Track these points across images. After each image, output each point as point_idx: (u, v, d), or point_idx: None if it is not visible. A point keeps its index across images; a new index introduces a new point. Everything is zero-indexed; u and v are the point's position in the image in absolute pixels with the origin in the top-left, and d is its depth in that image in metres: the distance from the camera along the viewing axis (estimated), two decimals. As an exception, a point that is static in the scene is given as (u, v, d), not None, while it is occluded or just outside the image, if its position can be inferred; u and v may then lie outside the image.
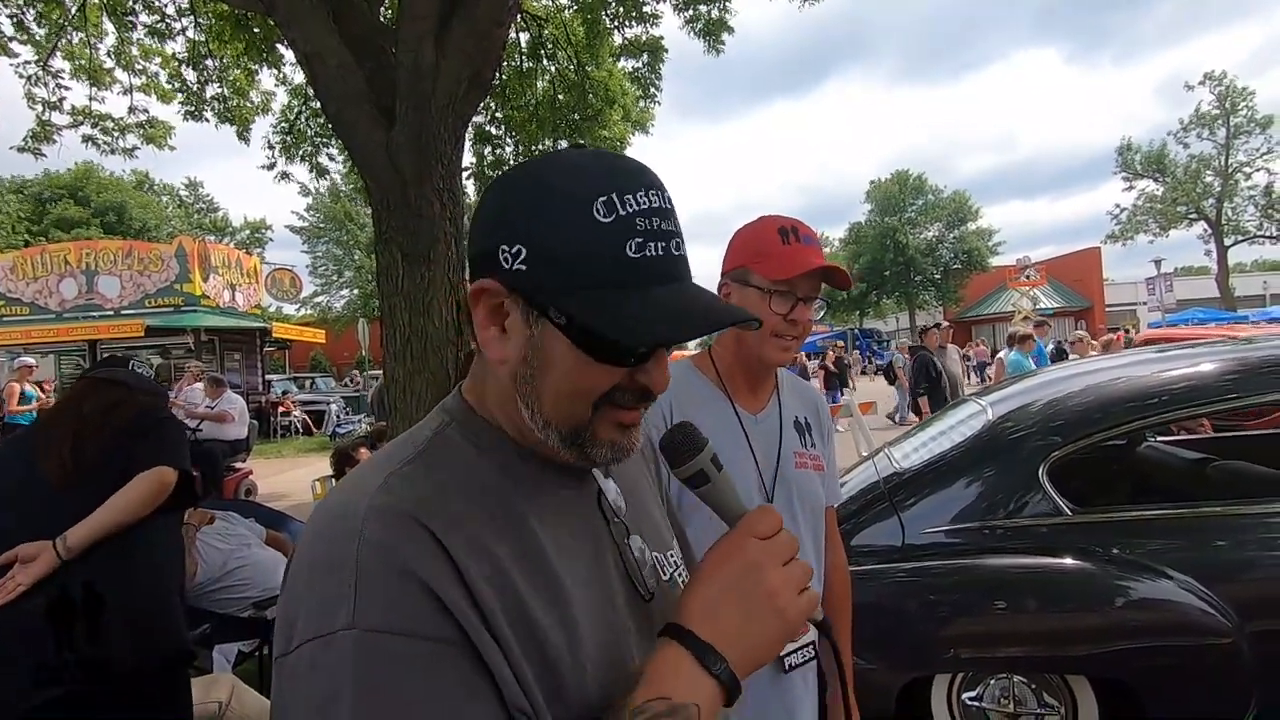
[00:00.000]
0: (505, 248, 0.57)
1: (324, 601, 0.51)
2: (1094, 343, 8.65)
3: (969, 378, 12.86)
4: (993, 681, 2.33)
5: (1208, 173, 31.31)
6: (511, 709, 0.52)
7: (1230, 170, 30.75)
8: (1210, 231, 31.26)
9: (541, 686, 0.55)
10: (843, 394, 12.61)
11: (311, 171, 9.10)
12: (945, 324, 8.16)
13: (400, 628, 0.50)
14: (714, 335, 1.01)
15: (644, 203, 0.57)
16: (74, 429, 1.81)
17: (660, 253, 0.57)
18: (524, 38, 8.12)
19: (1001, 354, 8.23)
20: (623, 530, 0.70)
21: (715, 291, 1.23)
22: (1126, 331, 14.37)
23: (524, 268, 0.57)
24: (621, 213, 0.56)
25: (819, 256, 1.22)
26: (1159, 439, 3.77)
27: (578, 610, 0.59)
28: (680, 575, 0.75)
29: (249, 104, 7.91)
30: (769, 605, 0.58)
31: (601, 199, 0.56)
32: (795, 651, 1.23)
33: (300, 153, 8.77)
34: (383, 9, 5.43)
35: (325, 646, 0.49)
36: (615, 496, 0.71)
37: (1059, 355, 9.39)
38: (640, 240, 0.56)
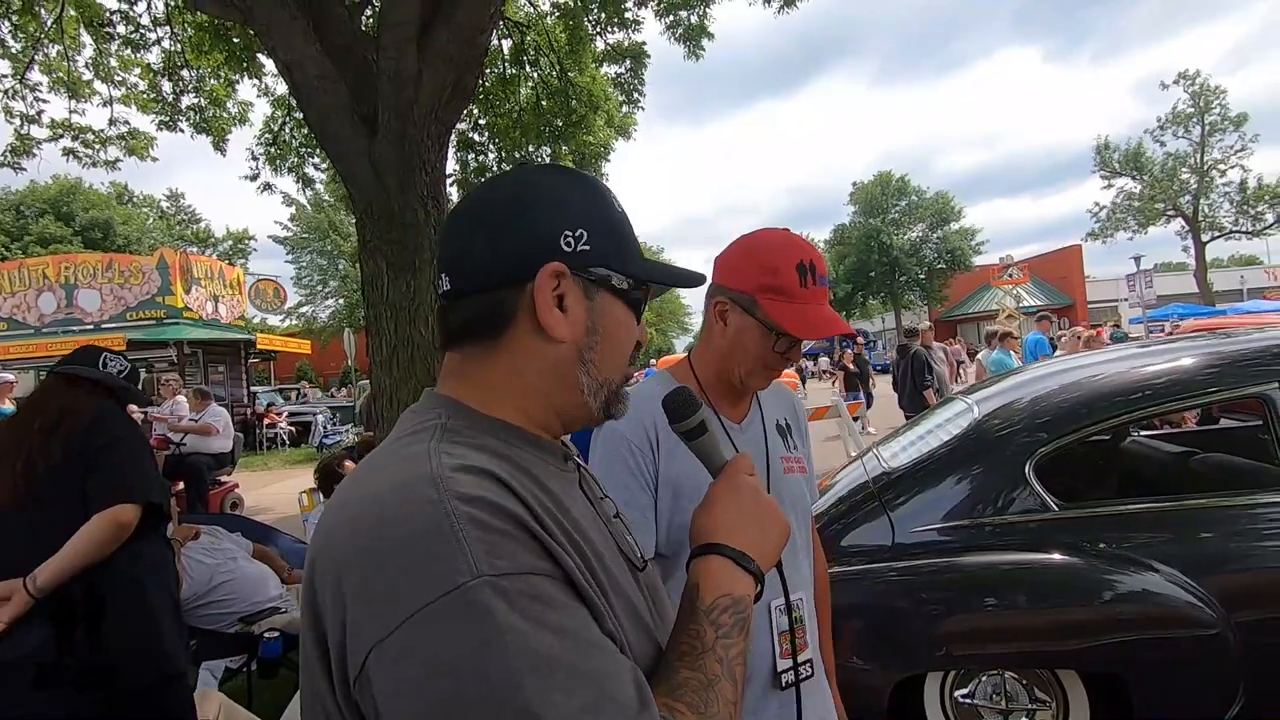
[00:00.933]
0: (569, 233, 0.68)
1: (430, 565, 0.50)
2: (1079, 335, 8.73)
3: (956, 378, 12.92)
4: (984, 678, 2.34)
5: (1184, 170, 31.80)
6: (610, 636, 0.59)
7: (1206, 167, 31.25)
8: (1188, 228, 31.74)
9: (614, 621, 0.62)
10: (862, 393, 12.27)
11: (297, 182, 9.05)
12: (928, 324, 8.26)
13: (522, 567, 0.53)
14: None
15: (621, 205, 0.75)
16: (26, 447, 1.75)
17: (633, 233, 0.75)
18: (506, 44, 8.12)
19: (981, 355, 8.32)
20: (609, 509, 0.78)
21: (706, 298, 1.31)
22: (1116, 327, 14.55)
23: (588, 247, 0.69)
24: (620, 209, 0.74)
25: (826, 300, 1.18)
26: (1143, 433, 3.81)
27: (610, 564, 0.67)
28: (641, 554, 0.80)
29: (226, 114, 7.85)
30: (772, 516, 0.76)
31: (612, 195, 0.74)
32: (792, 669, 1.18)
33: (286, 164, 8.71)
34: (364, 17, 5.41)
35: (457, 600, 0.49)
36: (591, 483, 0.78)
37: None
38: (628, 227, 0.74)
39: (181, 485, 7.38)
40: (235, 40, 6.84)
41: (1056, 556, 2.21)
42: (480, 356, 0.69)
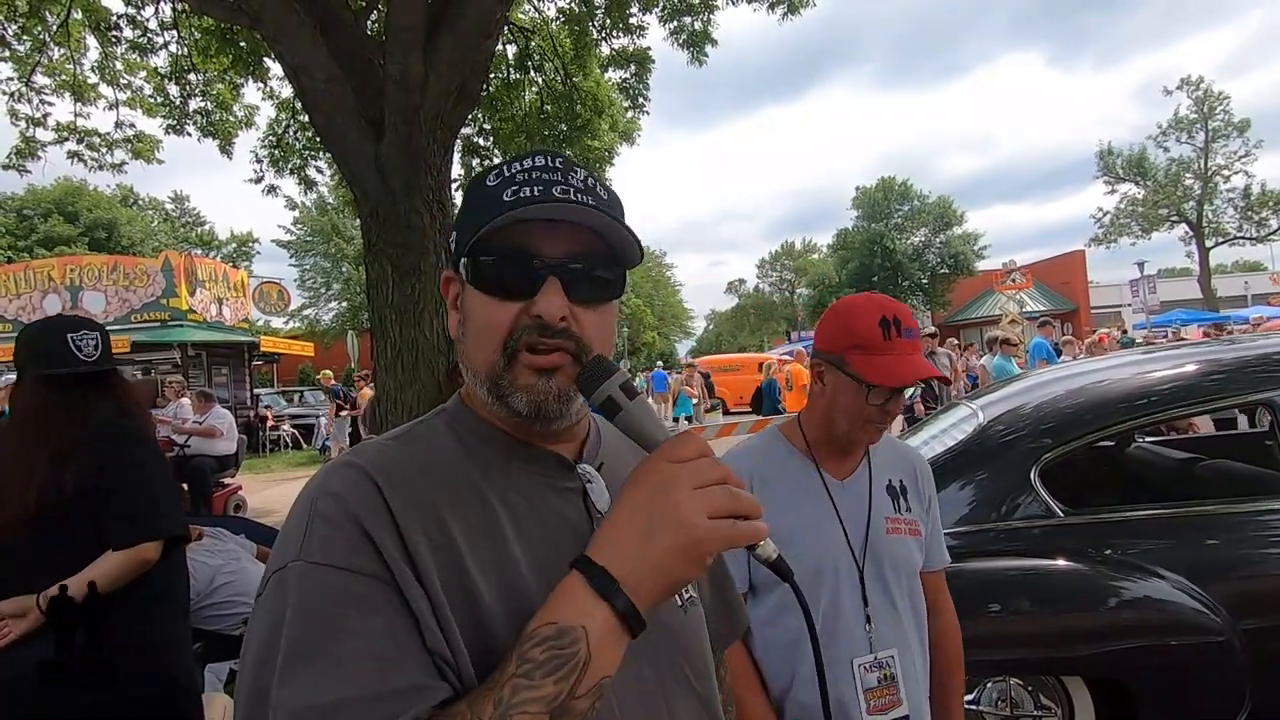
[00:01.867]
0: (451, 239, 0.72)
1: (285, 544, 0.60)
2: (1079, 343, 8.75)
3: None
4: (989, 685, 2.33)
5: (1187, 176, 31.79)
6: (431, 651, 0.57)
7: (1209, 173, 31.23)
8: (1191, 234, 31.70)
9: (471, 644, 0.58)
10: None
11: (300, 185, 9.08)
12: (934, 329, 8.28)
13: (335, 561, 0.57)
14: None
15: (528, 164, 0.67)
16: (36, 477, 1.63)
17: (534, 194, 0.64)
18: (511, 50, 8.15)
19: (984, 360, 8.33)
20: None
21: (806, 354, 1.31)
22: (1124, 333, 14.53)
23: (454, 245, 0.70)
24: (505, 174, 0.67)
25: (919, 351, 1.23)
26: (1148, 440, 3.80)
27: (531, 587, 0.62)
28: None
29: (232, 118, 7.88)
30: (670, 520, 0.56)
31: (493, 173, 0.68)
32: None
33: (289, 166, 8.74)
34: (370, 22, 5.44)
35: (279, 578, 0.58)
36: (600, 496, 0.72)
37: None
38: (515, 189, 0.65)
39: (185, 487, 7.40)
40: (242, 44, 6.88)
41: (1061, 562, 2.20)
42: None
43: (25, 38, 6.84)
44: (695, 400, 15.51)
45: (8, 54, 6.85)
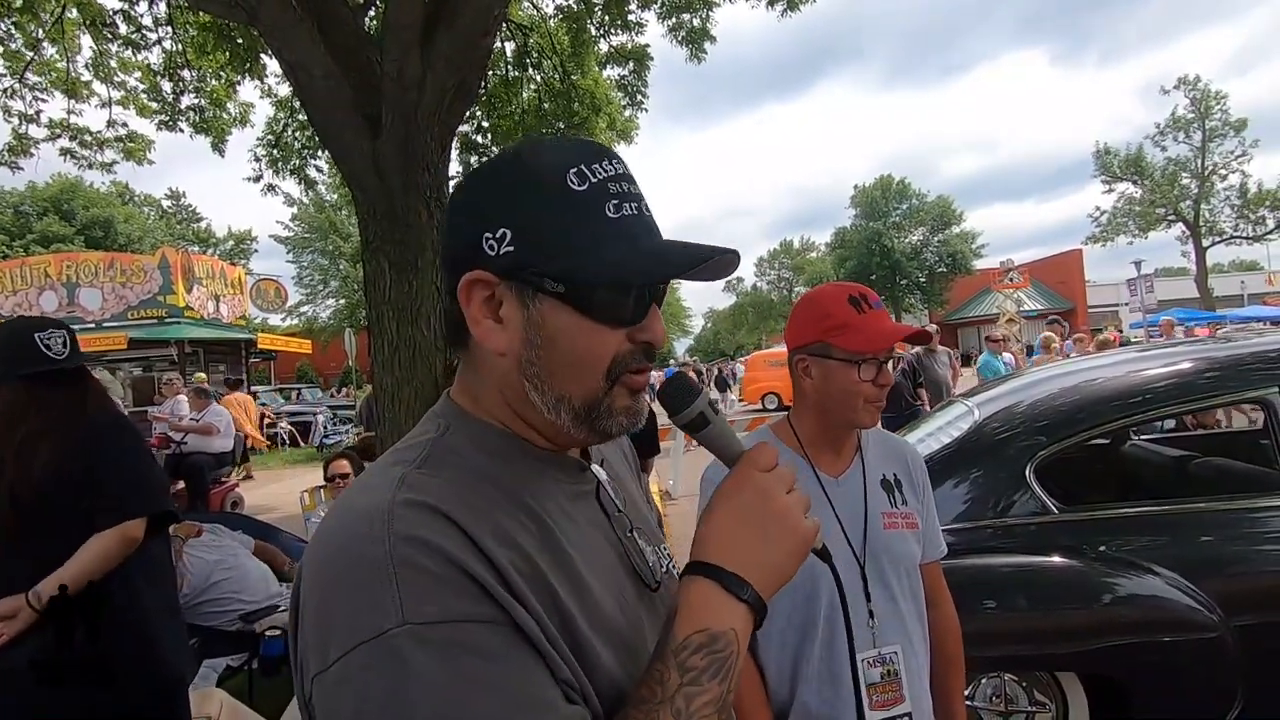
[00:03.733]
0: (489, 235, 0.60)
1: (366, 605, 0.50)
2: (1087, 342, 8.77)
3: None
4: (984, 681, 2.35)
5: (1184, 175, 31.85)
6: (560, 682, 0.54)
7: (1206, 173, 31.29)
8: (1188, 233, 31.77)
9: (579, 664, 0.57)
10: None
11: (299, 184, 9.06)
12: (934, 327, 8.30)
13: (451, 614, 0.50)
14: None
15: (610, 170, 0.61)
16: (5, 480, 1.63)
17: (635, 212, 0.61)
18: (509, 47, 8.14)
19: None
20: (625, 524, 0.72)
21: (789, 362, 1.34)
22: (1121, 332, 14.58)
23: (512, 249, 0.60)
24: (594, 180, 0.60)
25: (890, 320, 1.26)
26: (1142, 437, 3.82)
27: (599, 596, 0.62)
28: (674, 567, 0.77)
29: (226, 115, 7.85)
30: (782, 525, 0.61)
31: (573, 170, 0.59)
32: None
33: (288, 166, 8.72)
34: (367, 19, 5.42)
35: (378, 647, 0.49)
36: (613, 492, 0.73)
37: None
38: (616, 202, 0.60)
39: (182, 484, 7.39)
40: (239, 41, 6.85)
41: (1056, 559, 2.21)
42: (465, 360, 0.68)
43: (18, 34, 6.80)
44: None
45: (0, 50, 6.82)
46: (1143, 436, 3.84)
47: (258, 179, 8.59)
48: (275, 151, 8.50)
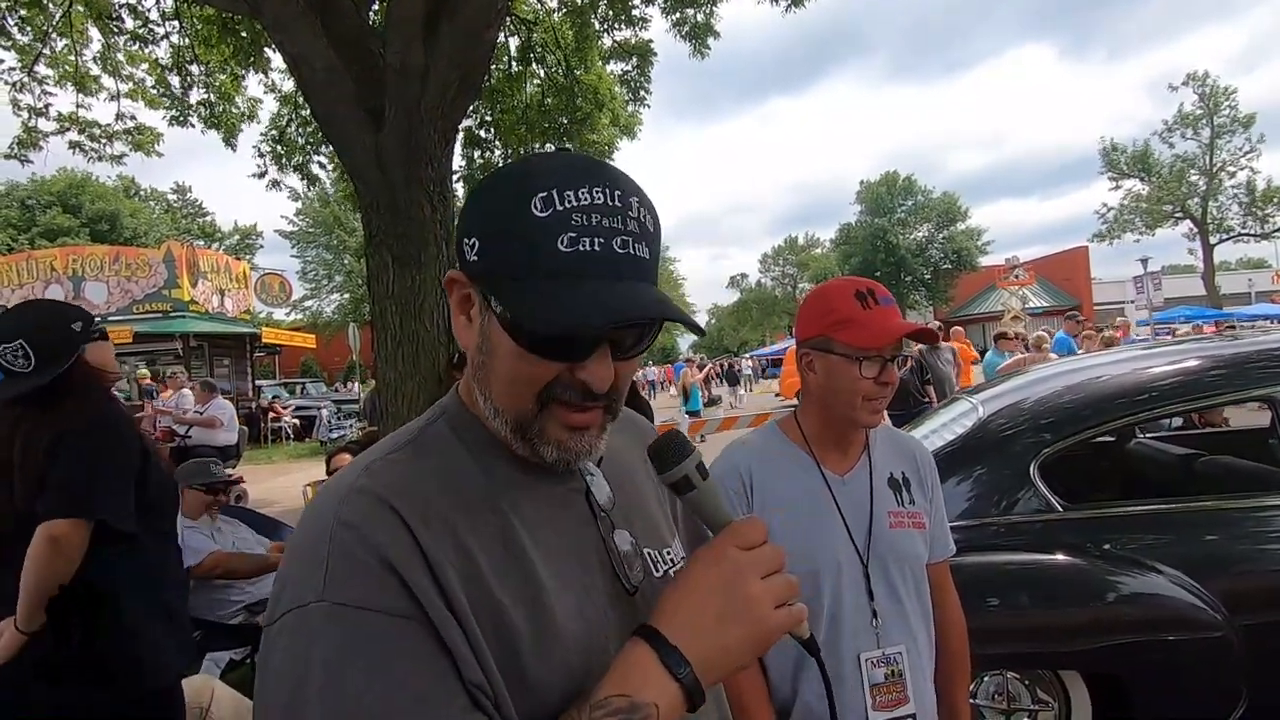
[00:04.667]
0: (465, 239, 0.62)
1: (302, 576, 0.55)
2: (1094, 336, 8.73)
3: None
4: (986, 678, 2.34)
5: (1192, 172, 31.66)
6: (468, 684, 0.54)
7: (1214, 169, 31.10)
8: (1195, 230, 31.59)
9: (505, 668, 0.57)
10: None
11: (303, 180, 9.07)
12: (939, 324, 8.29)
13: (362, 601, 0.53)
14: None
15: (586, 199, 0.57)
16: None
17: (595, 248, 0.56)
18: (513, 41, 8.12)
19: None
20: (609, 525, 0.71)
21: (797, 357, 1.32)
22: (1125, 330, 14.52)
23: (477, 258, 0.61)
24: (558, 208, 0.56)
25: (898, 316, 1.22)
26: (1147, 435, 3.80)
27: (552, 600, 0.61)
28: (673, 571, 0.76)
29: (235, 110, 7.86)
30: (745, 612, 0.58)
31: (540, 195, 0.57)
32: None
33: (292, 161, 8.73)
34: (370, 12, 5.41)
35: (299, 616, 0.54)
36: (603, 493, 0.72)
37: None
38: (574, 235, 0.56)
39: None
40: (243, 34, 6.85)
41: (1060, 557, 2.20)
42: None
43: (28, 28, 6.81)
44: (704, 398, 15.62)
45: (10, 44, 6.83)
46: (1148, 434, 3.83)
47: (262, 175, 8.60)
48: (279, 147, 8.51)
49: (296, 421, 17.21)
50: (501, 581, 0.59)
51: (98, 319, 2.05)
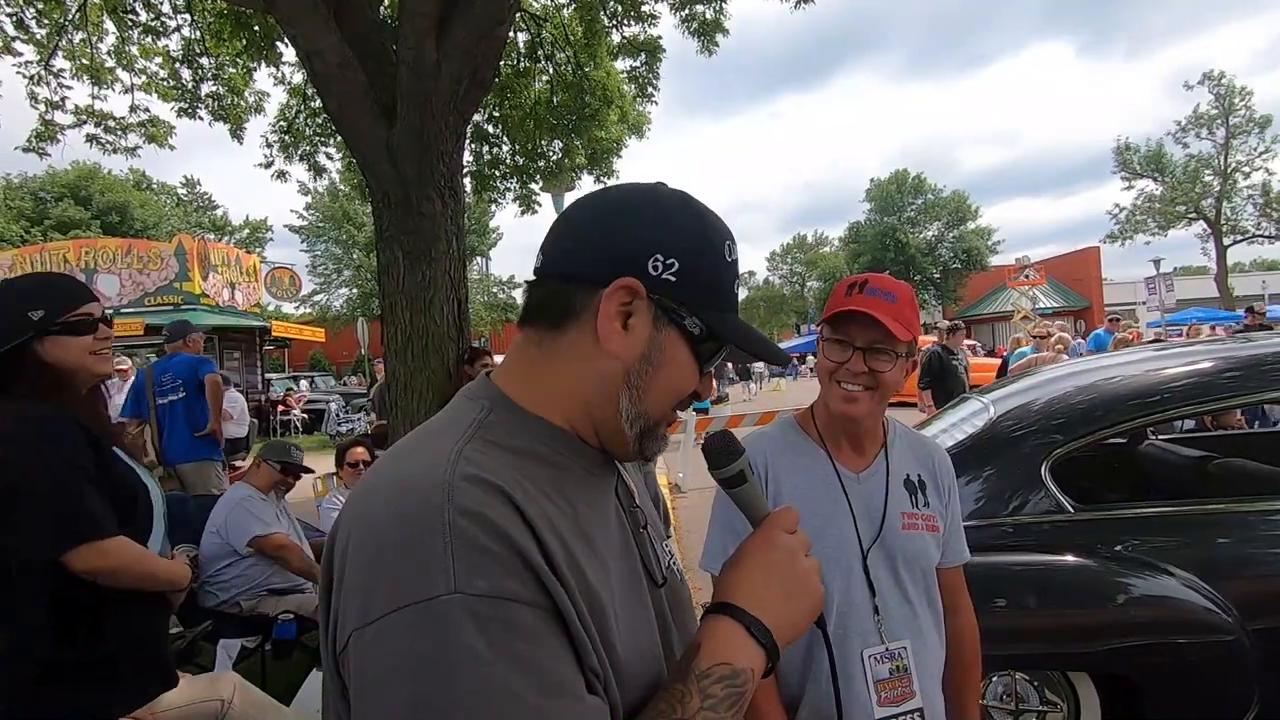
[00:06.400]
0: (659, 258, 0.66)
1: (417, 570, 0.52)
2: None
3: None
4: (995, 679, 2.33)
5: (1206, 172, 31.33)
6: (587, 670, 0.57)
7: (1229, 170, 30.77)
8: (1209, 231, 31.28)
9: (604, 652, 0.60)
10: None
11: (309, 170, 9.10)
12: (947, 323, 8.25)
13: (500, 591, 0.52)
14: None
15: (736, 255, 0.73)
16: None
17: (736, 289, 0.74)
18: (522, 37, 8.11)
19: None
20: (639, 519, 0.75)
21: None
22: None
23: (673, 279, 0.66)
24: (732, 258, 0.72)
25: (872, 305, 1.20)
26: (1160, 437, 3.77)
27: (616, 587, 0.64)
28: (676, 564, 0.79)
29: (244, 102, 7.90)
30: (804, 586, 0.69)
31: (728, 242, 0.71)
32: (894, 717, 1.22)
33: (299, 152, 8.76)
34: (382, 7, 5.42)
35: (426, 611, 0.51)
36: (631, 487, 0.76)
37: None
38: (738, 282, 0.73)
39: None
40: (255, 28, 6.88)
41: (1070, 558, 2.19)
42: (539, 342, 0.69)
43: (45, 21, 6.86)
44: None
45: (27, 37, 6.88)
46: (1160, 436, 3.80)
47: (269, 165, 8.64)
48: (287, 137, 8.54)
49: (305, 415, 17.31)
50: (592, 568, 0.61)
51: (110, 311, 1.91)
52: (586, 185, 9.85)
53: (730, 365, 25.55)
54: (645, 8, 7.87)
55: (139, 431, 5.06)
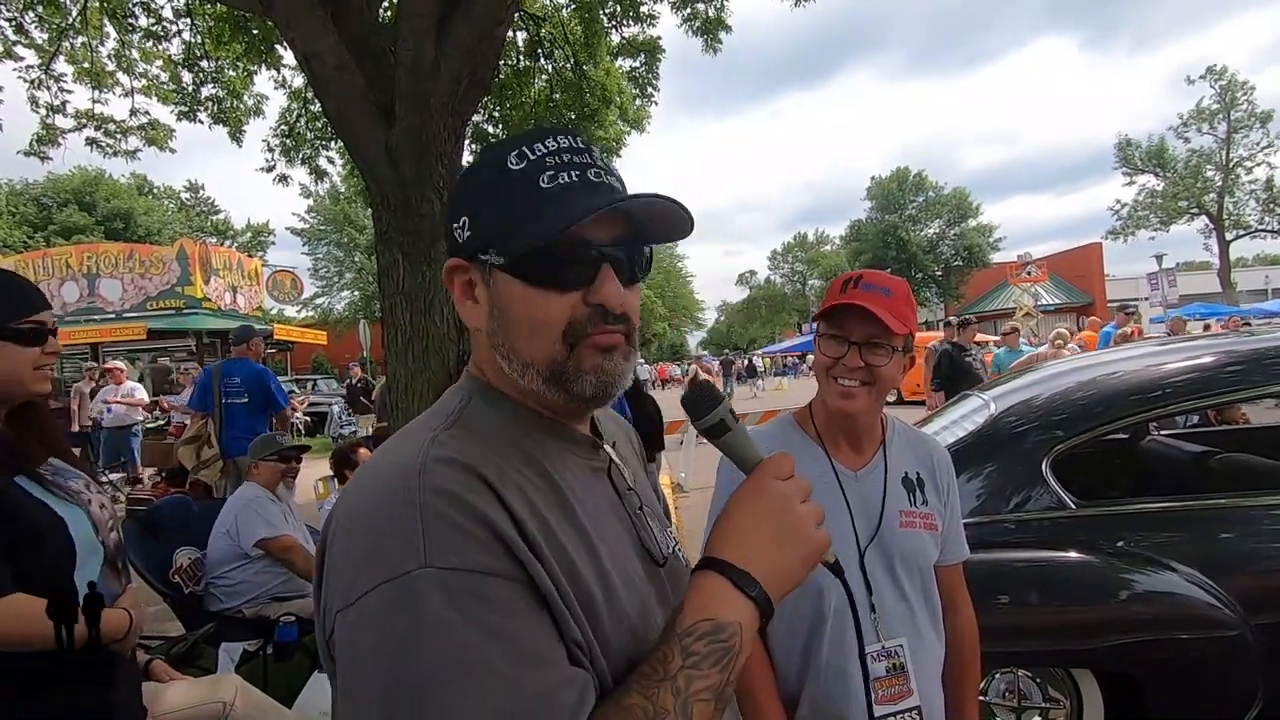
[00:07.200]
0: (455, 225, 0.68)
1: (391, 547, 0.53)
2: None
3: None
4: (997, 676, 2.32)
5: (1208, 167, 31.27)
6: (569, 641, 0.57)
7: (1231, 164, 30.70)
8: (1211, 226, 31.21)
9: (587, 624, 0.60)
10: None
11: (311, 174, 9.13)
12: (953, 319, 8.20)
13: (472, 565, 0.53)
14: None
15: (552, 145, 0.65)
16: None
17: (574, 178, 0.63)
18: (521, 37, 8.12)
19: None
20: (635, 501, 0.75)
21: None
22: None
23: (469, 233, 0.66)
24: (531, 157, 0.64)
25: (868, 300, 1.20)
26: (1161, 432, 3.76)
27: (608, 564, 0.64)
28: (679, 550, 0.79)
29: (243, 105, 7.92)
30: (796, 532, 0.64)
31: (513, 153, 0.64)
32: (892, 715, 1.21)
33: (300, 155, 8.78)
34: (381, 9, 5.43)
35: (401, 587, 0.52)
36: (626, 470, 0.75)
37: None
38: (551, 173, 0.63)
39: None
40: (255, 31, 6.90)
41: (1073, 554, 2.18)
42: (474, 341, 0.73)
43: (45, 26, 6.88)
44: None
45: (27, 41, 6.90)
46: (1164, 432, 3.79)
47: (270, 169, 8.66)
48: (288, 141, 8.57)
49: (308, 418, 17.32)
50: (572, 544, 0.61)
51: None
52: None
53: (735, 364, 25.83)
54: (644, 8, 7.88)
55: (203, 424, 5.51)
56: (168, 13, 7.03)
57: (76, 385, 9.89)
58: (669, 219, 0.67)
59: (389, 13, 5.91)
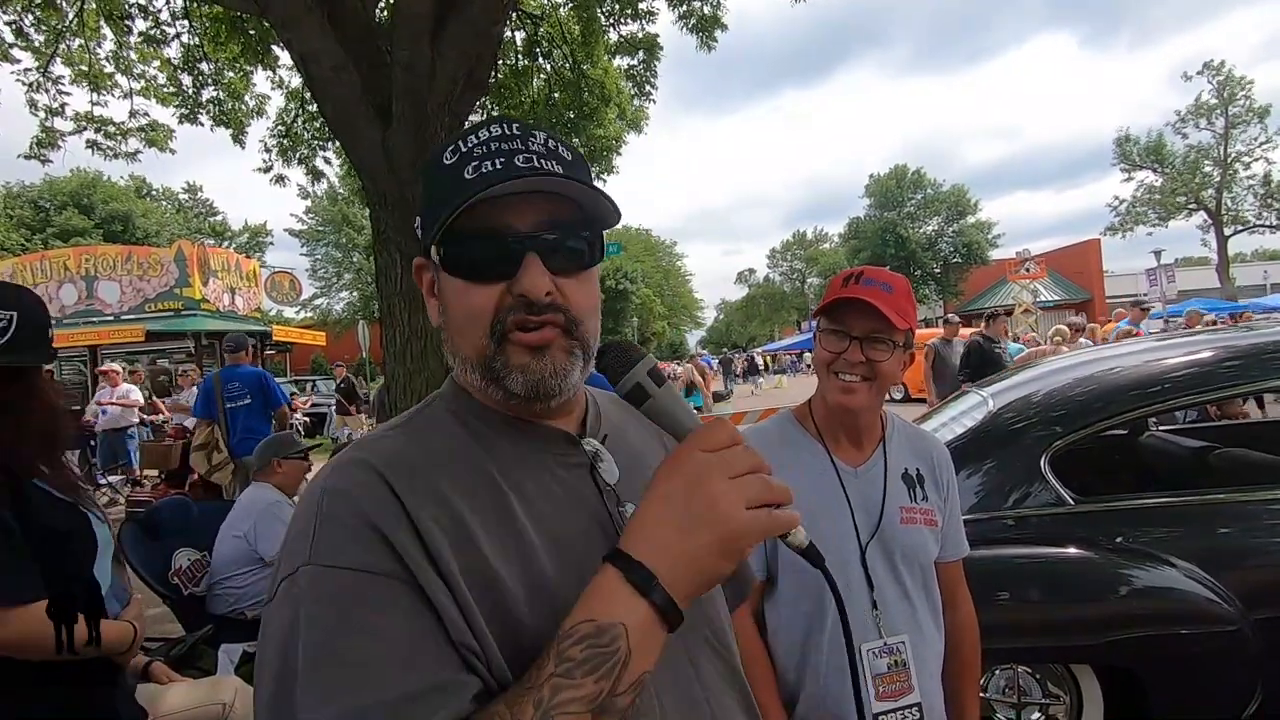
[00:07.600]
0: (417, 224, 0.69)
1: (296, 546, 0.57)
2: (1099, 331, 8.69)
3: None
4: (997, 672, 2.33)
5: (1206, 163, 31.28)
6: (458, 645, 0.55)
7: (1229, 160, 30.71)
8: (1210, 222, 31.22)
9: (497, 631, 0.57)
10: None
11: (308, 175, 9.11)
12: (952, 316, 8.22)
13: (347, 562, 0.55)
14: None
15: (485, 135, 0.64)
16: None
17: (497, 166, 0.62)
18: (519, 35, 8.11)
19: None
20: (614, 499, 0.71)
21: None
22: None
23: (421, 232, 0.67)
24: (463, 150, 0.64)
25: (870, 295, 1.20)
26: (1161, 428, 3.76)
27: (547, 566, 0.62)
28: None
29: (244, 106, 7.91)
30: (708, 513, 0.54)
31: (449, 149, 0.65)
32: (893, 712, 1.21)
33: (297, 156, 8.77)
34: (378, 9, 5.42)
35: (290, 583, 0.55)
36: (609, 470, 0.73)
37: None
38: (475, 163, 0.63)
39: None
40: (252, 32, 6.88)
41: (1072, 550, 2.18)
42: None
43: (43, 28, 6.87)
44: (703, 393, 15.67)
45: (25, 44, 6.89)
46: (1163, 427, 3.79)
47: (268, 169, 8.65)
48: (285, 141, 8.55)
49: (307, 419, 17.30)
50: (494, 545, 0.60)
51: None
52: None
53: (735, 363, 25.94)
54: (642, 5, 7.86)
55: (210, 431, 5.64)
56: (164, 14, 7.02)
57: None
58: (590, 199, 0.64)
59: (385, 13, 5.90)
